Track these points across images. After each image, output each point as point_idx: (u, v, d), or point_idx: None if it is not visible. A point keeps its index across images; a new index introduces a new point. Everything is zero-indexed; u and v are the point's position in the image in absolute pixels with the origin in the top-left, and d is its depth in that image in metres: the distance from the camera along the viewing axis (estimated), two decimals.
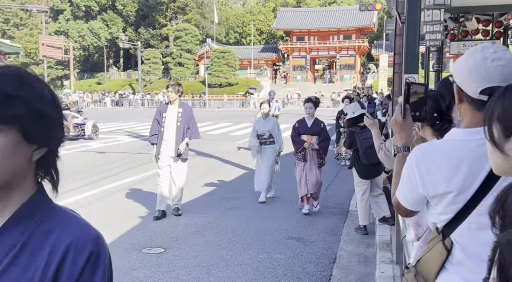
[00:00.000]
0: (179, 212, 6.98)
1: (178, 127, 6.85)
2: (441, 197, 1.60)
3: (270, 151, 8.01)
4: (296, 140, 7.12)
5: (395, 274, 4.43)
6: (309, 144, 6.99)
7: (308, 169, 6.99)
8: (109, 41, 67.03)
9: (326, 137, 7.14)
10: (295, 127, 7.18)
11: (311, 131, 7.06)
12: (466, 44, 11.62)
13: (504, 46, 1.60)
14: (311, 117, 7.14)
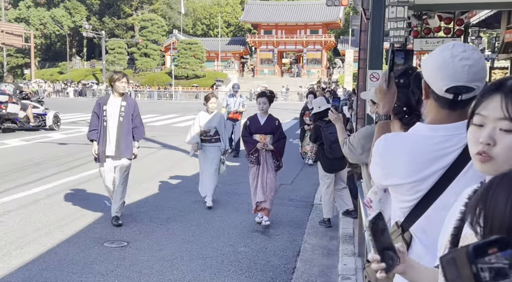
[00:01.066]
0: (119, 222, 6.09)
1: (121, 123, 6.05)
2: (399, 187, 1.64)
3: (216, 150, 7.19)
4: (247, 140, 6.21)
5: (357, 266, 4.51)
6: (262, 145, 6.09)
7: (262, 173, 6.16)
8: (72, 30, 65.22)
9: (282, 136, 6.27)
10: (246, 126, 6.26)
11: (265, 130, 6.19)
12: (429, 41, 11.90)
13: (474, 46, 1.62)
14: (265, 114, 6.28)
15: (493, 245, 0.69)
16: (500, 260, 0.67)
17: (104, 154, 6.08)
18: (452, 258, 0.70)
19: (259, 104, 6.22)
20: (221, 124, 7.21)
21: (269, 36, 56.50)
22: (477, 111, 1.11)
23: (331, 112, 3.73)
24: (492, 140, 1.09)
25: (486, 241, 0.69)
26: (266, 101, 6.22)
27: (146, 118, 22.62)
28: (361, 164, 3.70)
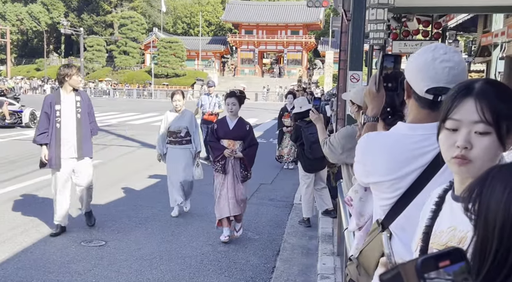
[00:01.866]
0: (92, 221, 5.90)
1: (79, 121, 5.52)
2: (379, 185, 1.67)
3: (187, 153, 6.48)
4: (214, 146, 5.55)
5: (336, 266, 4.55)
6: (230, 151, 5.40)
7: (229, 184, 5.46)
8: (50, 26, 64.12)
9: (253, 143, 5.58)
10: (213, 130, 5.58)
11: (234, 135, 5.49)
12: (407, 44, 12.08)
13: (455, 48, 1.66)
14: (234, 116, 5.54)
15: (445, 258, 0.66)
16: (442, 275, 0.65)
17: (58, 158, 5.45)
18: (397, 274, 0.67)
19: (228, 105, 5.49)
20: (192, 123, 6.54)
21: (250, 36, 56.50)
22: (450, 116, 1.12)
23: (312, 112, 3.75)
24: (469, 144, 1.10)
25: (436, 254, 0.68)
26: (236, 102, 5.48)
27: (125, 117, 22.40)
28: (341, 164, 3.73)
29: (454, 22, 15.42)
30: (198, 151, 6.60)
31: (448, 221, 1.14)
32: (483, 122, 1.08)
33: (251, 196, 7.75)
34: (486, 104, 1.09)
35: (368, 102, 2.01)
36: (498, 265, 0.78)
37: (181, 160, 6.45)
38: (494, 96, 1.10)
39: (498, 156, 1.13)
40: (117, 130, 16.66)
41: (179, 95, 6.50)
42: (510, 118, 1.10)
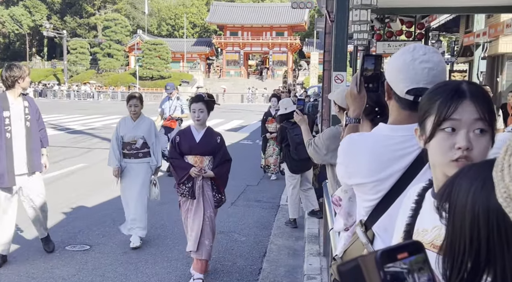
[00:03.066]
0: (51, 246, 5.13)
1: (28, 129, 4.78)
2: (361, 186, 1.67)
3: (144, 168, 5.43)
4: (176, 164, 4.47)
5: (322, 266, 4.56)
6: (198, 170, 4.36)
7: (197, 211, 4.44)
8: (32, 29, 63.36)
9: (226, 158, 4.54)
10: (175, 143, 4.51)
11: (201, 150, 4.45)
12: (391, 44, 12.19)
13: (434, 49, 1.67)
14: (201, 126, 4.51)
15: (403, 250, 0.68)
16: (399, 264, 0.66)
17: (12, 174, 4.65)
18: (356, 265, 0.69)
19: (194, 112, 4.41)
20: (151, 132, 5.47)
21: (235, 38, 56.48)
22: (450, 117, 1.12)
23: (296, 114, 3.76)
24: (470, 144, 1.11)
25: (395, 246, 0.69)
26: (204, 109, 4.42)
27: (110, 120, 22.22)
28: (326, 164, 3.74)
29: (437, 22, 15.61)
30: (158, 165, 5.55)
31: (432, 220, 1.14)
32: (482, 120, 1.10)
33: (237, 198, 7.74)
34: (481, 104, 1.11)
35: (349, 103, 2.01)
36: (467, 266, 0.78)
37: (137, 177, 5.39)
38: (484, 97, 1.13)
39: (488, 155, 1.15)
40: (102, 133, 16.51)
41: (136, 99, 5.45)
42: (495, 118, 1.14)
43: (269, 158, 9.21)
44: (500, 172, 0.66)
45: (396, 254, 0.67)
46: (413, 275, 0.67)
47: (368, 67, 1.95)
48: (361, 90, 1.95)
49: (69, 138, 15.18)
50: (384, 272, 0.65)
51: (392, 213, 1.60)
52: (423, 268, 0.67)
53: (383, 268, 0.66)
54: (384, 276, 0.65)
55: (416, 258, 0.67)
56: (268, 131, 9.12)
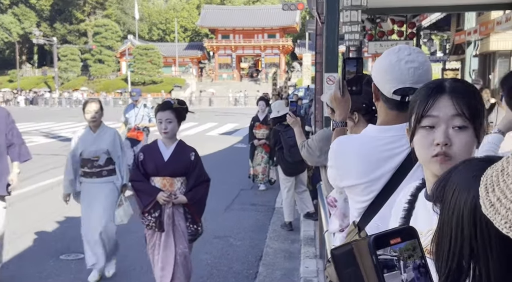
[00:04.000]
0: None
1: None
2: (353, 188, 1.68)
3: (109, 188, 4.49)
4: (140, 188, 3.66)
5: (319, 268, 4.53)
6: (167, 196, 3.56)
7: (167, 246, 3.67)
8: (22, 37, 63.02)
9: (202, 179, 3.73)
10: (138, 162, 3.70)
11: (171, 170, 3.64)
12: (383, 44, 12.21)
13: (419, 49, 1.70)
14: (171, 140, 3.68)
15: (396, 235, 0.69)
16: (388, 252, 0.68)
17: None
18: (349, 250, 0.69)
19: (160, 123, 3.55)
20: (116, 145, 4.48)
21: (227, 41, 56.50)
22: (427, 114, 1.13)
23: (289, 116, 3.74)
24: (449, 140, 1.11)
25: (388, 231, 0.70)
26: (172, 118, 3.55)
27: None
28: (320, 166, 3.71)
29: (428, 21, 15.67)
30: (124, 183, 4.55)
31: (426, 222, 1.13)
32: (461, 116, 1.10)
33: (232, 202, 7.70)
34: (461, 100, 1.11)
35: (334, 107, 2.04)
36: (452, 266, 0.78)
37: (101, 199, 4.45)
38: (466, 93, 1.14)
39: (474, 152, 1.14)
40: None
41: (95, 104, 4.43)
42: (481, 114, 1.14)
43: (257, 166, 8.49)
44: (498, 202, 0.63)
45: (389, 239, 0.68)
46: (403, 262, 0.68)
47: (350, 70, 1.96)
48: (344, 94, 1.97)
49: (61, 146, 15.06)
50: (377, 257, 0.66)
51: (385, 213, 1.61)
52: (412, 256, 0.69)
53: (376, 253, 0.66)
54: (376, 261, 0.66)
55: (406, 245, 0.68)
56: (256, 138, 8.38)
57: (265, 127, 8.29)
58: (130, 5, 65.11)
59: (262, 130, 8.35)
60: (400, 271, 0.67)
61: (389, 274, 0.66)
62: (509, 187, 0.61)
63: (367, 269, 0.67)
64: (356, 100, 2.07)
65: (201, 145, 14.88)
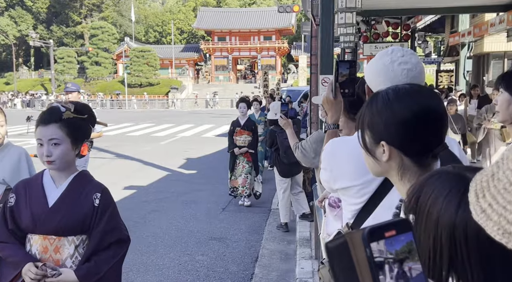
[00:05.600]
0: None
1: None
2: (347, 190, 1.68)
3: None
4: (3, 253, 2.14)
5: (314, 269, 4.55)
6: (40, 273, 1.99)
7: None
8: (18, 39, 62.95)
9: (112, 239, 2.17)
10: (5, 209, 2.19)
11: (57, 223, 2.10)
12: (378, 46, 12.27)
13: (412, 50, 1.70)
14: (63, 173, 2.21)
15: (391, 228, 0.68)
16: (385, 254, 0.66)
17: None
18: (343, 242, 0.68)
19: (41, 146, 2.19)
20: (20, 172, 3.03)
21: (223, 43, 56.52)
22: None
23: (281, 118, 3.78)
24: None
25: (383, 223, 0.68)
26: (62, 138, 2.15)
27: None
28: (315, 168, 3.74)
29: (422, 23, 15.74)
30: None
31: None
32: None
33: (228, 203, 7.72)
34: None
35: (327, 110, 2.03)
36: (432, 276, 0.79)
37: None
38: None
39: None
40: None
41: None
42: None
43: (238, 178, 7.45)
44: (489, 207, 0.62)
45: (383, 231, 0.67)
46: (399, 264, 0.66)
47: (343, 72, 1.96)
48: (337, 96, 1.97)
49: None
50: (371, 250, 0.65)
51: (378, 214, 1.62)
52: (408, 258, 0.67)
53: (370, 246, 0.65)
54: (370, 254, 0.65)
55: (402, 247, 0.67)
56: (236, 146, 7.46)
57: (247, 133, 7.50)
58: (127, 7, 65.12)
59: (244, 136, 7.49)
60: (394, 273, 0.66)
61: (383, 273, 0.65)
62: (500, 192, 0.59)
63: (361, 261, 0.66)
64: (357, 104, 2.07)
65: (198, 146, 14.90)
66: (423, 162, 1.13)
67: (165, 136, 18.67)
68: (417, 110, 1.11)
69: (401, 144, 1.12)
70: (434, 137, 1.12)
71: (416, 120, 1.10)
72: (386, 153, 1.13)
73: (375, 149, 1.16)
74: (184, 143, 16.24)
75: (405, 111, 1.11)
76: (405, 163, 1.13)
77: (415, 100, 1.13)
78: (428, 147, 1.12)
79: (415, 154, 1.12)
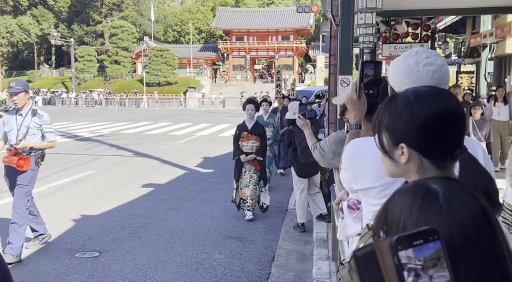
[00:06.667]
0: None
1: None
2: (368, 191, 1.67)
3: None
4: None
5: (331, 270, 4.54)
6: None
7: None
8: (40, 38, 63.99)
9: None
10: None
11: None
12: (397, 47, 12.16)
13: (436, 52, 1.68)
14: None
15: (419, 236, 0.68)
16: (414, 261, 0.66)
17: None
18: (371, 250, 0.68)
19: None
20: None
21: (241, 43, 56.65)
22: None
23: (299, 119, 3.78)
24: None
25: (411, 233, 0.68)
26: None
27: (118, 127, 22.34)
28: (333, 168, 3.73)
29: (443, 24, 15.56)
30: None
31: None
32: None
33: None
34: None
35: (350, 110, 2.02)
36: None
37: None
38: None
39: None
40: (110, 140, 16.60)
41: None
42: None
43: (245, 188, 6.69)
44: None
45: (411, 240, 0.67)
46: (428, 271, 0.66)
47: (368, 73, 1.94)
48: (361, 96, 1.95)
49: (77, 145, 15.27)
50: (398, 258, 0.65)
51: None
52: (437, 264, 0.67)
53: (398, 255, 0.65)
54: (398, 262, 0.65)
55: (430, 255, 0.67)
56: (242, 152, 6.68)
57: (254, 138, 6.72)
58: (146, 7, 65.68)
59: (251, 142, 6.73)
60: (422, 278, 0.66)
61: (411, 279, 0.65)
62: None
63: (389, 270, 0.66)
64: (373, 105, 2.06)
65: (215, 145, 14.97)
66: (442, 163, 1.12)
67: (183, 135, 18.79)
68: (438, 112, 1.11)
69: (421, 145, 1.12)
70: (454, 139, 1.12)
71: (437, 122, 1.10)
72: (406, 155, 1.13)
73: (394, 150, 1.16)
74: (202, 142, 16.31)
75: (425, 113, 1.11)
76: (424, 165, 1.13)
77: (435, 102, 1.13)
78: (448, 149, 1.11)
79: (434, 156, 1.12)
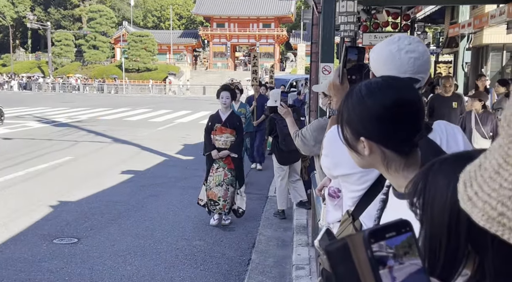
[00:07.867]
0: None
1: None
2: (348, 177, 1.68)
3: None
4: None
5: (311, 256, 4.60)
6: None
7: None
8: (15, 21, 62.30)
9: None
10: None
11: None
12: (377, 36, 12.22)
13: (418, 39, 1.67)
14: None
15: (392, 229, 0.67)
16: (385, 249, 0.66)
17: None
18: (344, 244, 0.68)
19: None
20: None
21: (222, 29, 56.19)
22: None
23: (281, 106, 3.78)
24: None
25: (383, 225, 0.68)
26: None
27: (97, 113, 22.03)
28: (314, 156, 3.76)
29: (422, 14, 15.67)
30: None
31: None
32: None
33: None
34: None
35: (332, 95, 2.01)
36: (449, 262, 0.79)
37: None
38: None
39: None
40: (88, 126, 16.37)
41: None
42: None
43: (216, 188, 5.72)
44: (475, 195, 0.63)
45: (384, 233, 0.67)
46: (399, 259, 0.66)
47: (351, 58, 1.94)
48: (343, 82, 1.95)
49: (54, 131, 15.02)
50: (372, 251, 0.65)
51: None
52: (408, 252, 0.67)
53: (371, 247, 0.65)
54: (371, 255, 0.65)
55: (402, 242, 0.67)
56: (215, 147, 5.74)
57: (229, 132, 5.77)
58: None
59: (225, 135, 5.77)
60: (395, 268, 0.66)
61: (384, 270, 0.65)
62: (486, 181, 0.61)
63: (362, 264, 0.65)
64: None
65: (195, 132, 14.89)
66: (405, 151, 1.14)
67: (163, 121, 18.64)
68: (389, 104, 1.11)
69: (379, 138, 1.13)
70: (411, 127, 1.13)
71: (390, 114, 1.11)
72: (367, 148, 1.14)
73: (356, 144, 1.17)
74: (182, 129, 16.21)
75: (377, 106, 1.11)
76: (387, 155, 1.14)
77: (386, 95, 1.13)
78: (407, 137, 1.13)
79: (395, 145, 1.13)
